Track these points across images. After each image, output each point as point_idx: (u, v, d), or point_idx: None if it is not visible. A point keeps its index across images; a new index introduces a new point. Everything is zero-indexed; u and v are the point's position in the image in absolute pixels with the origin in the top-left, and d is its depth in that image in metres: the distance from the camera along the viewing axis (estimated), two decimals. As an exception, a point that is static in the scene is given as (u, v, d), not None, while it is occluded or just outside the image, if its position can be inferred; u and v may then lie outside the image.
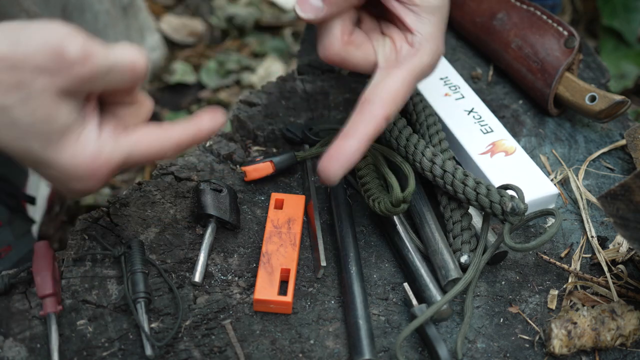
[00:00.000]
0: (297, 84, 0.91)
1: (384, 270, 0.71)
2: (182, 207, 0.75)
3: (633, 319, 0.65)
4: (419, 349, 0.65)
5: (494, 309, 0.69)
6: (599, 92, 0.82)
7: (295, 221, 0.72)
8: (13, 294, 0.66)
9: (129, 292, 0.64)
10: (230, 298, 0.67)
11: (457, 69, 0.94)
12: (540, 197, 0.75)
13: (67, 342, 0.63)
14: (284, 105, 0.87)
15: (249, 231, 0.74)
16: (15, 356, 0.62)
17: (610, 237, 0.76)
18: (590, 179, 0.82)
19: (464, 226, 0.71)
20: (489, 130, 0.81)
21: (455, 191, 0.70)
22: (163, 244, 0.71)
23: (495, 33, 0.92)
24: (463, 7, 0.97)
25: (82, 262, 0.69)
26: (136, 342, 0.63)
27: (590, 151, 0.85)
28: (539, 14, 0.90)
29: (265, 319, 0.66)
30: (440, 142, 0.77)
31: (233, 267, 0.70)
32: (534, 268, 0.72)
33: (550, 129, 0.87)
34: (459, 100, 0.85)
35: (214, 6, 1.83)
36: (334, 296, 0.69)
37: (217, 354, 0.63)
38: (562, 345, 0.64)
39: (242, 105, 0.87)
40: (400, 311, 0.68)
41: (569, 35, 0.86)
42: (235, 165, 0.80)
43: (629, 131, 0.83)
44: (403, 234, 0.71)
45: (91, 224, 0.72)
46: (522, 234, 0.75)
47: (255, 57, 1.72)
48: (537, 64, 0.87)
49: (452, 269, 0.68)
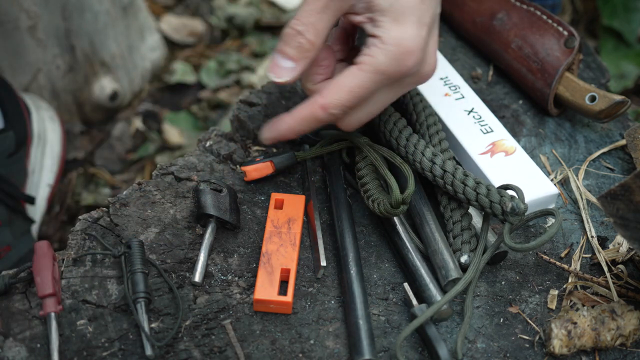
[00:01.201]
0: (297, 84, 0.90)
1: (384, 270, 0.71)
2: (182, 207, 0.75)
3: (633, 319, 0.65)
4: (419, 349, 0.65)
5: (494, 309, 0.69)
6: (599, 92, 0.82)
7: (295, 221, 0.72)
8: (13, 294, 0.66)
9: (129, 292, 0.64)
10: (230, 298, 0.67)
11: (457, 69, 0.94)
12: (540, 197, 0.75)
13: (67, 342, 0.63)
14: (284, 105, 0.87)
15: (249, 231, 0.74)
16: (15, 356, 0.62)
17: (610, 237, 0.76)
18: (590, 179, 0.82)
19: (464, 226, 0.71)
20: (489, 130, 0.81)
21: (455, 191, 0.70)
22: (163, 244, 0.71)
23: (495, 33, 0.92)
24: (463, 7, 0.97)
25: (82, 262, 0.69)
26: (136, 342, 0.63)
27: (590, 151, 0.85)
28: (539, 14, 0.90)
29: (265, 319, 0.66)
30: (440, 142, 0.77)
31: (233, 267, 0.70)
32: (534, 268, 0.72)
33: (550, 129, 0.87)
34: (459, 100, 0.85)
35: (214, 6, 1.83)
36: (334, 296, 0.69)
37: (217, 354, 0.63)
38: (562, 345, 0.64)
39: (242, 105, 0.87)
40: (400, 311, 0.68)
41: (569, 35, 0.86)
42: (235, 165, 0.80)
43: (629, 131, 0.83)
44: (403, 234, 0.71)
45: (91, 224, 0.72)
46: (522, 234, 0.75)
47: (255, 57, 1.72)
48: (537, 64, 0.87)
49: (452, 269, 0.68)
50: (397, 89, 0.70)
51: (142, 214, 0.73)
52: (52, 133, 1.22)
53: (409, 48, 0.66)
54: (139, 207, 0.74)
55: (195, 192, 0.73)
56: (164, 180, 0.77)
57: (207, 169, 0.79)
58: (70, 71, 1.30)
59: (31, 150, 1.15)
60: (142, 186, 0.76)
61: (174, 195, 0.76)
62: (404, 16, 0.66)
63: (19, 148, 1.09)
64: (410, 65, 0.67)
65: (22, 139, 1.10)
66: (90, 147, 1.36)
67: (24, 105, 1.14)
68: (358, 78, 0.66)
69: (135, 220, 0.73)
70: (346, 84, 0.67)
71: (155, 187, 0.76)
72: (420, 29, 0.66)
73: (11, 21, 1.19)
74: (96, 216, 0.73)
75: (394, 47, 0.66)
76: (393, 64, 0.66)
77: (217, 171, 0.79)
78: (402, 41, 0.66)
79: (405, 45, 0.66)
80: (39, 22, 1.21)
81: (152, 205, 0.74)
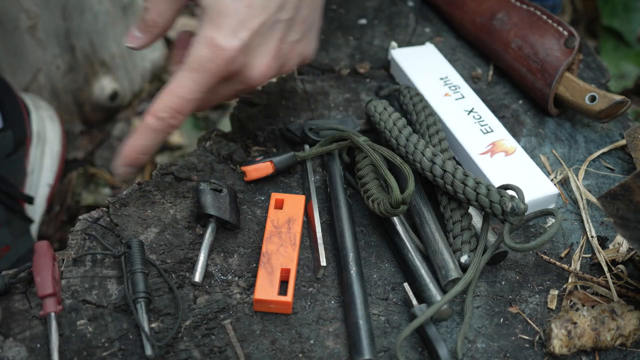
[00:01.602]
0: (297, 84, 0.91)
1: (384, 270, 0.71)
2: (182, 207, 0.75)
3: (633, 319, 0.65)
4: (419, 349, 0.65)
5: (494, 309, 0.69)
6: (599, 92, 0.82)
7: (295, 221, 0.72)
8: (13, 294, 0.66)
9: (129, 292, 0.64)
10: (230, 298, 0.67)
11: (457, 69, 0.94)
12: (540, 197, 0.74)
13: (67, 342, 0.63)
14: (284, 105, 0.87)
15: (249, 231, 0.74)
16: (15, 356, 0.62)
17: (610, 237, 0.76)
18: (590, 179, 0.82)
19: (464, 226, 0.71)
20: (489, 130, 0.81)
21: (455, 191, 0.70)
22: (163, 244, 0.71)
23: (495, 33, 0.92)
24: (463, 7, 0.97)
25: (82, 262, 0.69)
26: (136, 342, 0.63)
27: (590, 151, 0.85)
28: (539, 14, 0.90)
29: (265, 319, 0.66)
30: (440, 142, 0.77)
31: (233, 267, 0.70)
32: (534, 268, 0.72)
33: (550, 129, 0.87)
34: (459, 100, 0.85)
35: (213, 6, 1.83)
36: (334, 296, 0.69)
37: (217, 354, 0.63)
38: (562, 345, 0.64)
39: (242, 105, 0.87)
40: (400, 311, 0.68)
41: (569, 35, 0.86)
42: (235, 165, 0.80)
43: (629, 131, 0.83)
44: (403, 234, 0.71)
45: (91, 224, 0.72)
46: (522, 234, 0.75)
47: (255, 57, 1.72)
48: (537, 64, 0.87)
49: (452, 269, 0.68)
50: (226, 87, 0.72)
51: (142, 214, 0.73)
52: (52, 133, 1.22)
53: (220, 47, 0.68)
54: (139, 207, 0.74)
55: (195, 192, 0.73)
56: (164, 180, 0.77)
57: (207, 169, 0.79)
58: (70, 71, 1.30)
59: (30, 150, 1.15)
60: (142, 186, 0.76)
61: (174, 195, 0.76)
62: (220, 17, 0.68)
63: (18, 148, 1.09)
64: (222, 64, 0.68)
65: (21, 138, 1.10)
66: (90, 147, 1.36)
67: (23, 105, 1.14)
68: (178, 79, 0.69)
69: (135, 220, 0.73)
70: (170, 87, 0.69)
71: (155, 187, 0.76)
72: (240, 32, 0.68)
73: (11, 21, 1.19)
74: (96, 216, 0.73)
75: (204, 46, 0.68)
76: (205, 62, 0.68)
77: (217, 171, 0.79)
78: (213, 40, 0.68)
79: (217, 44, 0.68)
80: (39, 22, 1.21)
81: (152, 205, 0.74)
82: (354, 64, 0.95)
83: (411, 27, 1.02)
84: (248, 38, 0.69)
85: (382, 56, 0.97)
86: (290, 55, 0.75)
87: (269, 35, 0.71)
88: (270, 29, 0.71)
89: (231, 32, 0.68)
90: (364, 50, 0.98)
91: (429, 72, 0.89)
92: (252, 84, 0.73)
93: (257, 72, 0.72)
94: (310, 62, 0.93)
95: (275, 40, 0.72)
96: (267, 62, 0.72)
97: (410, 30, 1.01)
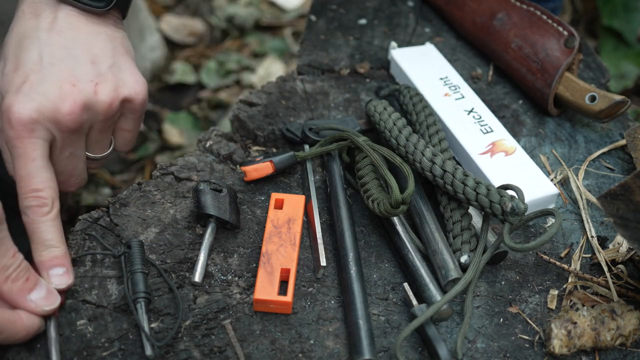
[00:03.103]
0: (297, 84, 0.91)
1: (384, 270, 0.71)
2: (182, 207, 0.75)
3: (633, 319, 0.65)
4: (419, 349, 0.65)
5: (494, 309, 0.69)
6: (599, 92, 0.82)
7: (295, 221, 0.72)
8: (13, 294, 0.66)
9: (129, 292, 0.64)
10: (230, 298, 0.67)
11: (457, 69, 0.94)
12: (540, 197, 0.75)
13: (67, 342, 0.63)
14: (284, 105, 0.87)
15: (249, 231, 0.74)
16: (15, 356, 0.62)
17: (610, 237, 0.76)
18: (590, 179, 0.82)
19: (464, 226, 0.71)
20: (489, 130, 0.81)
21: (455, 191, 0.70)
22: (163, 244, 0.71)
23: (495, 33, 0.92)
24: (463, 7, 0.97)
25: (82, 262, 0.69)
26: (136, 342, 0.63)
27: (590, 151, 0.85)
28: (539, 14, 0.90)
29: (265, 319, 0.66)
30: (440, 142, 0.77)
31: (233, 267, 0.70)
32: (534, 268, 0.72)
33: (550, 129, 0.87)
34: (459, 100, 0.85)
35: (214, 6, 1.83)
36: (334, 296, 0.69)
37: (217, 354, 0.63)
38: (562, 345, 0.64)
39: (242, 105, 0.87)
40: (400, 311, 0.68)
41: (569, 35, 0.86)
42: (235, 165, 0.80)
43: (629, 131, 0.83)
44: (403, 234, 0.71)
45: (91, 224, 0.72)
46: (522, 234, 0.75)
47: (255, 57, 1.73)
48: (537, 64, 0.87)
49: (452, 269, 0.68)
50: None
51: (142, 214, 0.73)
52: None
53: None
54: (139, 207, 0.74)
55: (195, 192, 0.73)
56: (164, 180, 0.77)
57: (207, 169, 0.79)
58: (70, 71, 1.30)
59: (31, 150, 1.15)
60: (142, 186, 0.76)
61: (174, 195, 0.76)
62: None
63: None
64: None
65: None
66: (90, 147, 1.36)
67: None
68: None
69: (135, 220, 0.73)
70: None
71: (155, 187, 0.76)
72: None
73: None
74: (96, 216, 0.73)
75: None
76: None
77: (217, 171, 0.79)
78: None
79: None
80: (39, 22, 1.21)
81: (152, 205, 0.74)
82: (354, 64, 0.95)
83: (411, 27, 1.02)
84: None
85: (382, 56, 0.97)
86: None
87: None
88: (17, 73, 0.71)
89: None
90: (364, 50, 0.98)
91: (429, 72, 0.89)
92: (5, 117, 0.69)
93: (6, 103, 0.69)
94: (309, 62, 0.93)
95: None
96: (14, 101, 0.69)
97: (410, 30, 1.01)
